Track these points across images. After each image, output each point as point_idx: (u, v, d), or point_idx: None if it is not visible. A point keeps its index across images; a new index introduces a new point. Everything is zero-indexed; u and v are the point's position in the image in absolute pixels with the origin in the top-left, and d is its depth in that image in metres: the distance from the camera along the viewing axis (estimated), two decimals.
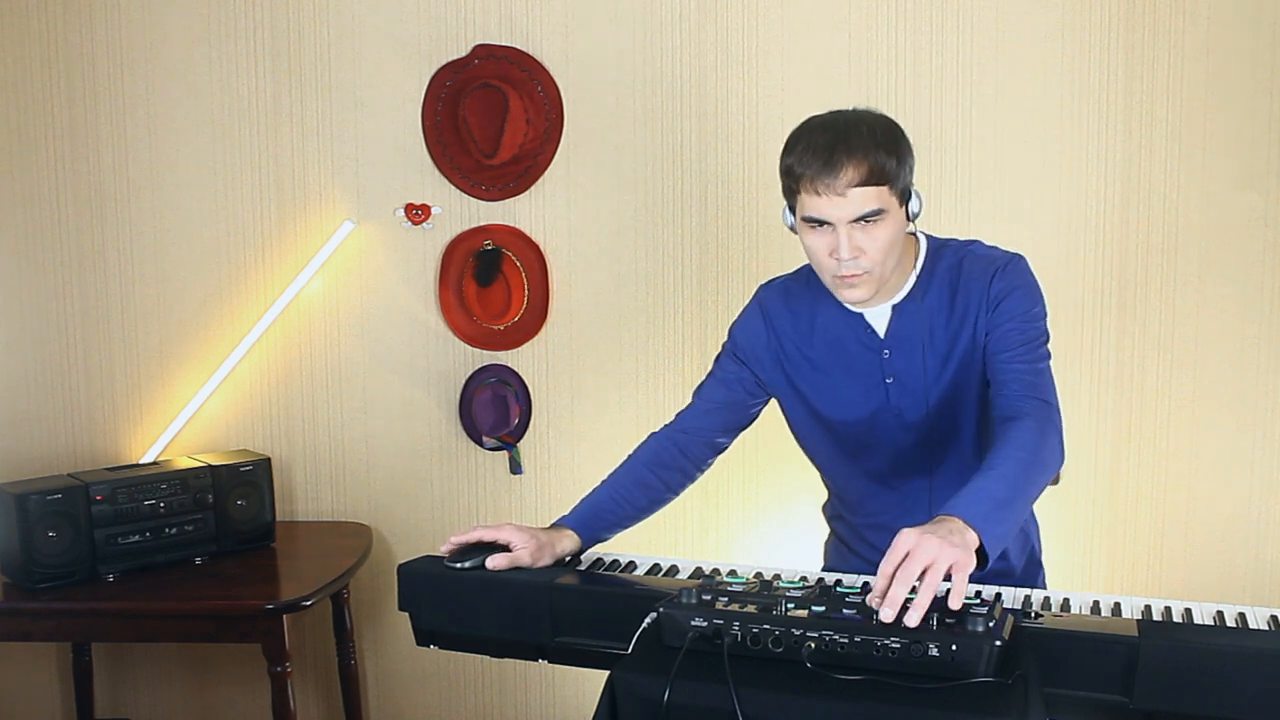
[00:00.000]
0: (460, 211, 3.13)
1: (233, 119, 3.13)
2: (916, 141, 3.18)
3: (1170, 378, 3.03)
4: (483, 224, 3.12)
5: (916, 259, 1.94)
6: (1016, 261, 1.94)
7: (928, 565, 1.50)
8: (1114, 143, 2.98)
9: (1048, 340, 1.94)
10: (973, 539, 1.57)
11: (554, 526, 1.97)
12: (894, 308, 1.93)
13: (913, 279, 1.93)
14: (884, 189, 1.78)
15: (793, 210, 1.87)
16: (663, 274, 3.13)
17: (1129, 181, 2.98)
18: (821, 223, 1.80)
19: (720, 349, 2.11)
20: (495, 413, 3.10)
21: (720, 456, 2.14)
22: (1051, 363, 1.94)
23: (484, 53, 3.06)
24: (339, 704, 3.21)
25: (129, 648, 3.30)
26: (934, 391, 1.94)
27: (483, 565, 1.89)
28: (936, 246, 1.97)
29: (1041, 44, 2.96)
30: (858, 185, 1.76)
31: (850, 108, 1.86)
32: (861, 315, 1.95)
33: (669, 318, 3.14)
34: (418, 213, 3.12)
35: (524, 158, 3.07)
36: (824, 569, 2.22)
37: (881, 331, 1.94)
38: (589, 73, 3.07)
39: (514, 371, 3.16)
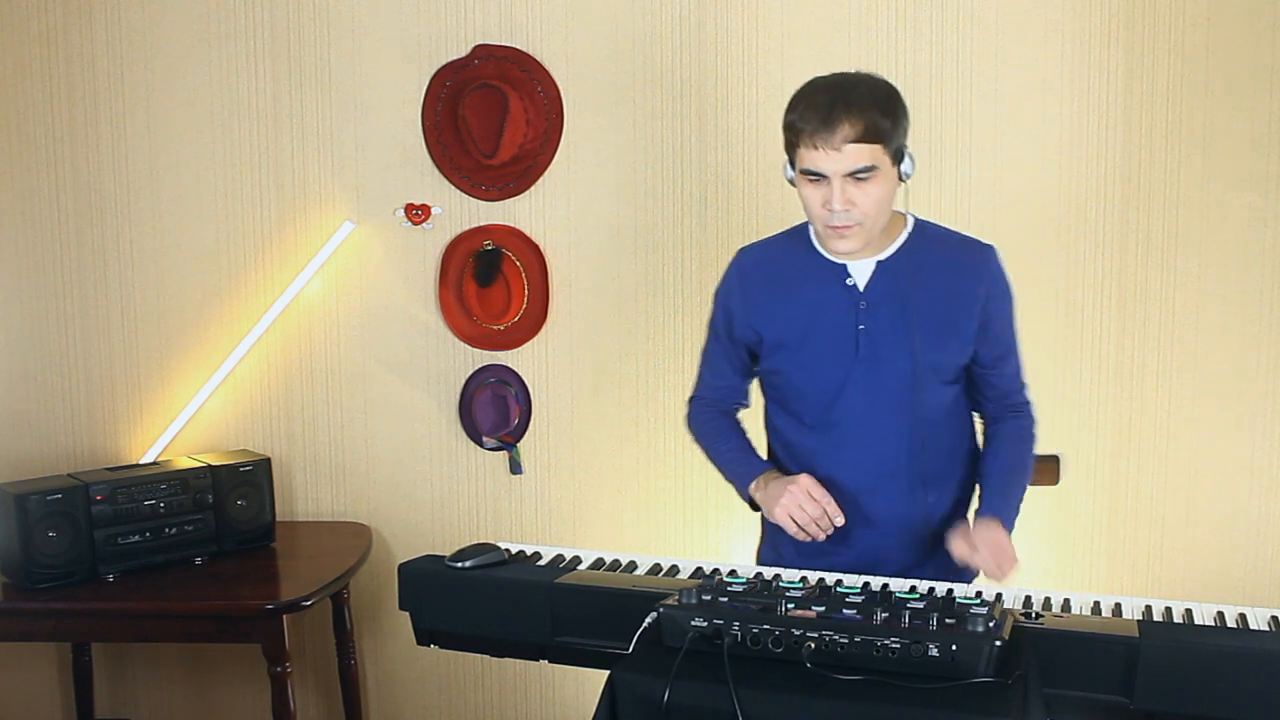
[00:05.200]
0: (460, 211, 3.13)
1: (233, 119, 3.13)
2: (916, 142, 3.17)
3: (1170, 378, 3.03)
4: (483, 224, 3.12)
5: (905, 226, 2.07)
6: (998, 257, 2.11)
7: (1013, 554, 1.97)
8: (1114, 143, 2.98)
9: None
10: None
11: (765, 476, 2.09)
12: (879, 263, 2.04)
13: (900, 240, 2.05)
14: (878, 147, 1.89)
15: (792, 164, 1.99)
16: (663, 274, 3.13)
17: (1129, 181, 2.98)
18: (818, 176, 1.91)
19: (709, 319, 2.22)
20: (495, 413, 3.11)
21: None
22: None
23: (484, 53, 3.06)
24: (339, 704, 3.21)
25: (129, 648, 3.30)
26: (903, 349, 2.02)
27: (483, 566, 1.89)
28: (923, 222, 2.11)
29: (1041, 44, 2.96)
30: (853, 142, 1.87)
31: (853, 70, 1.96)
32: (844, 266, 2.05)
33: (669, 318, 3.13)
34: (418, 213, 3.12)
35: (524, 158, 3.07)
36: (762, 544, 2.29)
37: (862, 284, 2.04)
38: (589, 73, 3.07)
39: (514, 371, 3.16)
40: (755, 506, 2.13)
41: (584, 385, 3.18)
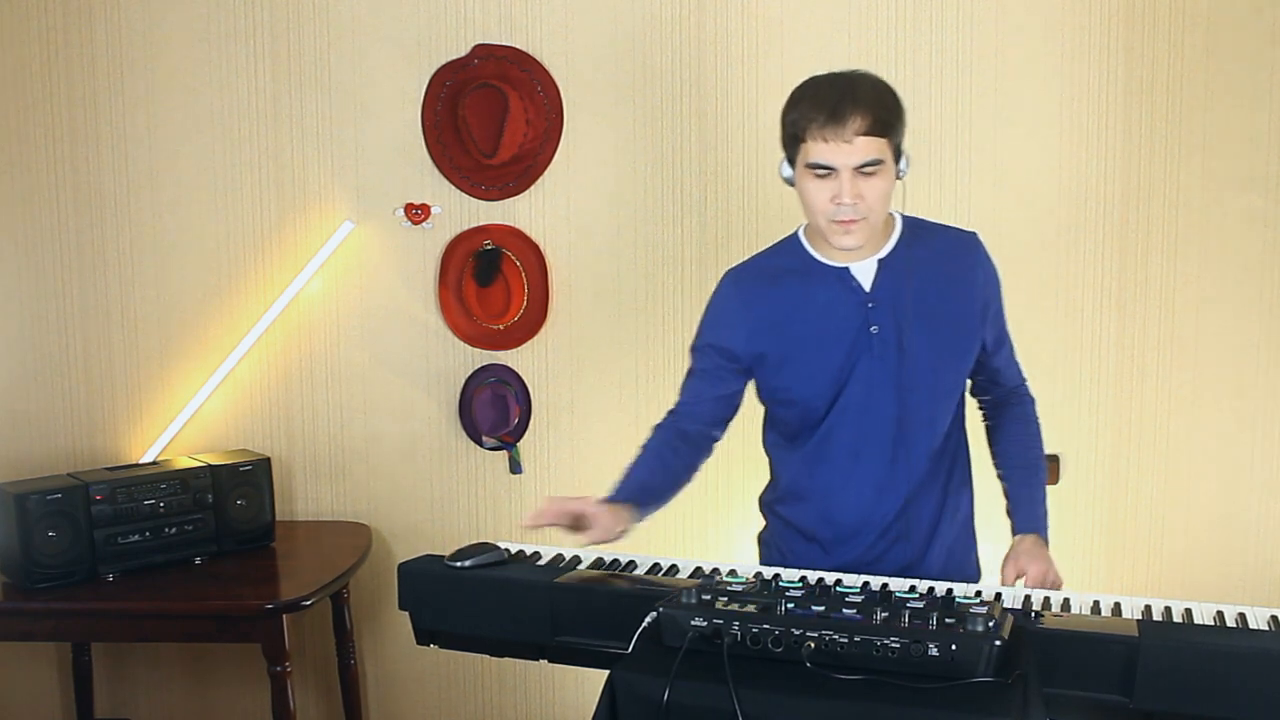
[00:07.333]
0: (460, 211, 3.13)
1: (233, 119, 3.13)
2: (915, 141, 3.17)
3: (1170, 378, 3.03)
4: (482, 224, 3.12)
5: (895, 223, 2.05)
6: (982, 242, 2.11)
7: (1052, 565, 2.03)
8: (1114, 143, 2.98)
9: None
10: None
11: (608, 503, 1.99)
12: (880, 262, 2.01)
13: (895, 237, 2.03)
14: (884, 141, 1.88)
15: (791, 161, 1.96)
16: (663, 274, 3.13)
17: (1129, 181, 2.98)
18: (826, 170, 1.89)
19: (694, 344, 2.14)
20: (495, 413, 3.11)
21: (719, 455, 2.17)
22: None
23: (484, 53, 3.06)
24: (339, 704, 3.21)
25: (129, 648, 3.30)
26: (917, 344, 2.00)
27: (483, 565, 1.89)
28: (909, 218, 2.09)
29: (1042, 44, 2.96)
30: (863, 134, 1.86)
31: (849, 69, 1.95)
32: (846, 269, 2.01)
33: (669, 317, 3.13)
34: (417, 212, 3.12)
35: (524, 157, 3.07)
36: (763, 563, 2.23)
37: (868, 285, 2.01)
38: (589, 73, 3.07)
39: (514, 371, 3.16)
40: None
41: (584, 385, 3.18)
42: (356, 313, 3.18)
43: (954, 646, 1.47)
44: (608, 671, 1.57)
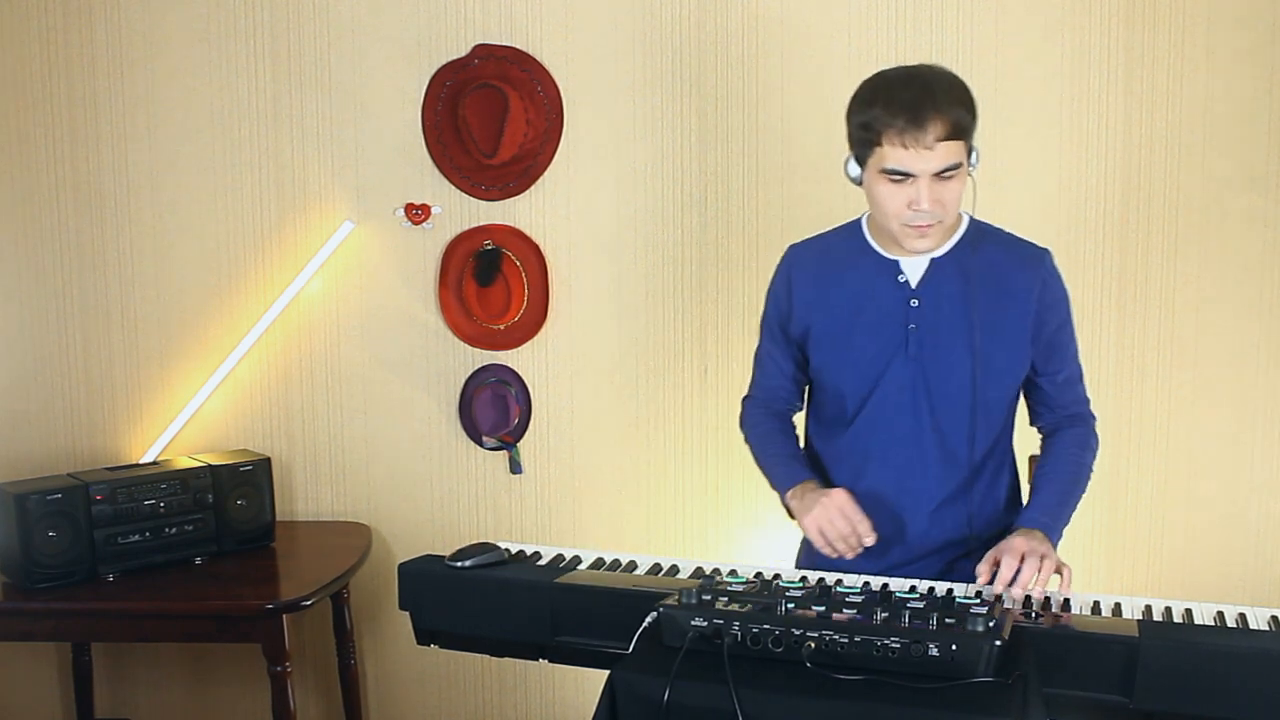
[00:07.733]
0: (460, 211, 3.13)
1: (233, 119, 3.13)
2: None
3: (1170, 378, 3.03)
4: (483, 224, 3.12)
5: (960, 224, 2.00)
6: (1053, 261, 2.02)
7: (1044, 555, 1.81)
8: (1114, 143, 2.98)
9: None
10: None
11: (804, 485, 2.00)
12: (932, 260, 1.97)
13: (956, 238, 1.98)
14: (962, 144, 1.84)
15: (861, 162, 1.90)
16: (663, 274, 3.13)
17: (1129, 181, 2.98)
18: (904, 175, 1.83)
19: (761, 318, 2.17)
20: (495, 413, 3.11)
21: (720, 456, 2.19)
22: None
23: (484, 53, 3.06)
24: (339, 704, 3.21)
25: (129, 648, 3.30)
26: (954, 349, 1.95)
27: (483, 565, 1.89)
28: (978, 221, 2.03)
29: (1041, 44, 2.96)
30: (944, 140, 1.80)
31: (916, 63, 1.90)
32: (896, 262, 1.98)
33: (669, 318, 3.14)
34: (418, 212, 3.12)
35: (524, 157, 3.07)
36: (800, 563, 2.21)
37: (914, 281, 1.97)
38: (589, 73, 3.07)
39: (514, 371, 3.16)
40: (793, 515, 2.05)
41: (584, 385, 3.18)
42: (356, 313, 3.18)
43: (954, 646, 1.47)
44: (608, 671, 1.58)
